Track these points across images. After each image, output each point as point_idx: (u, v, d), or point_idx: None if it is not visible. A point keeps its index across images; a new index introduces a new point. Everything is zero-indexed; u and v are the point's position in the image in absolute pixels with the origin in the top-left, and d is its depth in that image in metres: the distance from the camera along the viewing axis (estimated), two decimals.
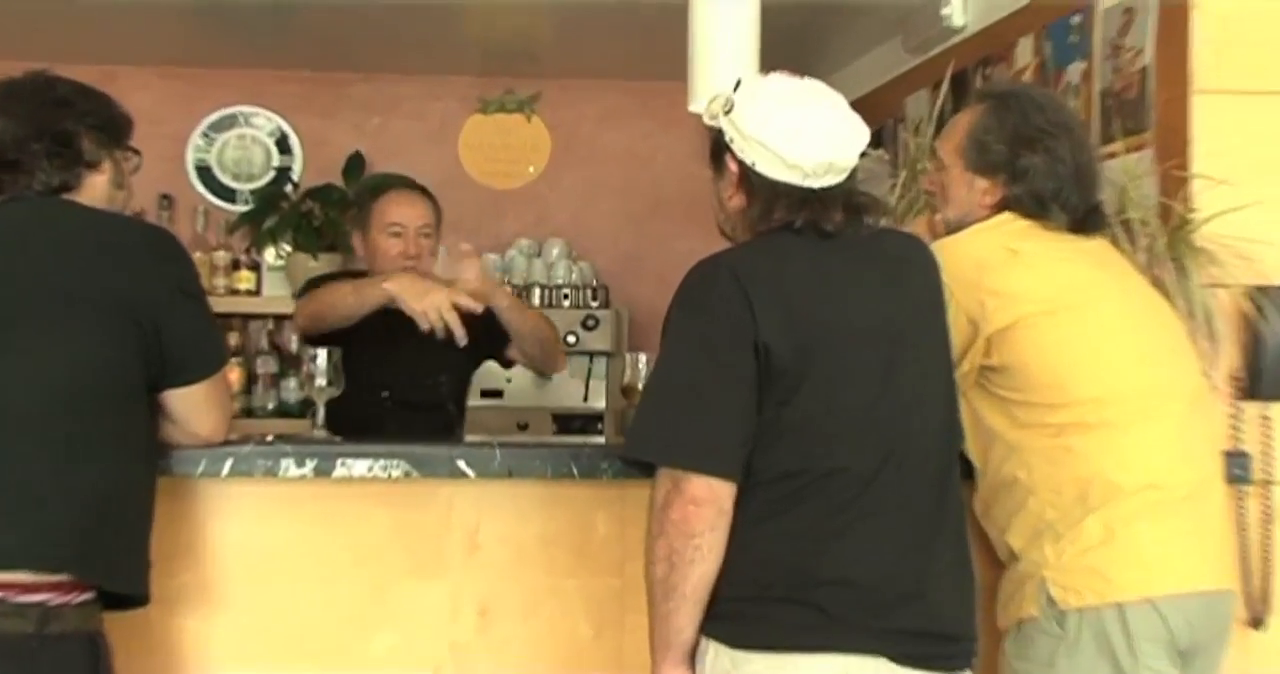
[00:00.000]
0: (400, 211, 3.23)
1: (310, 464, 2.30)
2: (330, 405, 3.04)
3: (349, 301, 2.99)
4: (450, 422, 3.30)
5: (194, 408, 2.14)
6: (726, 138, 2.02)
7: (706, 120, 2.08)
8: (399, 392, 3.23)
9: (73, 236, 2.06)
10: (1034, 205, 2.30)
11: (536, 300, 4.84)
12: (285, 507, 2.38)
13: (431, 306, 2.87)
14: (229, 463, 2.27)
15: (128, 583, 2.03)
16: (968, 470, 2.32)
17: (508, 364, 3.45)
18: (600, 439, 4.50)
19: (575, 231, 5.31)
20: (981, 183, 2.35)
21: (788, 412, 1.91)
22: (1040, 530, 2.18)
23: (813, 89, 2.03)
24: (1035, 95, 2.41)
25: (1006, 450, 2.23)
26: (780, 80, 2.03)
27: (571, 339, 4.76)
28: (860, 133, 2.02)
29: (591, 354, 4.92)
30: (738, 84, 2.04)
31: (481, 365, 3.45)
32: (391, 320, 3.09)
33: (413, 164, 4.96)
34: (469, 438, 3.17)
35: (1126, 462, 2.15)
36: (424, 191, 3.34)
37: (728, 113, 2.02)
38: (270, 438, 2.37)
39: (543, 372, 3.55)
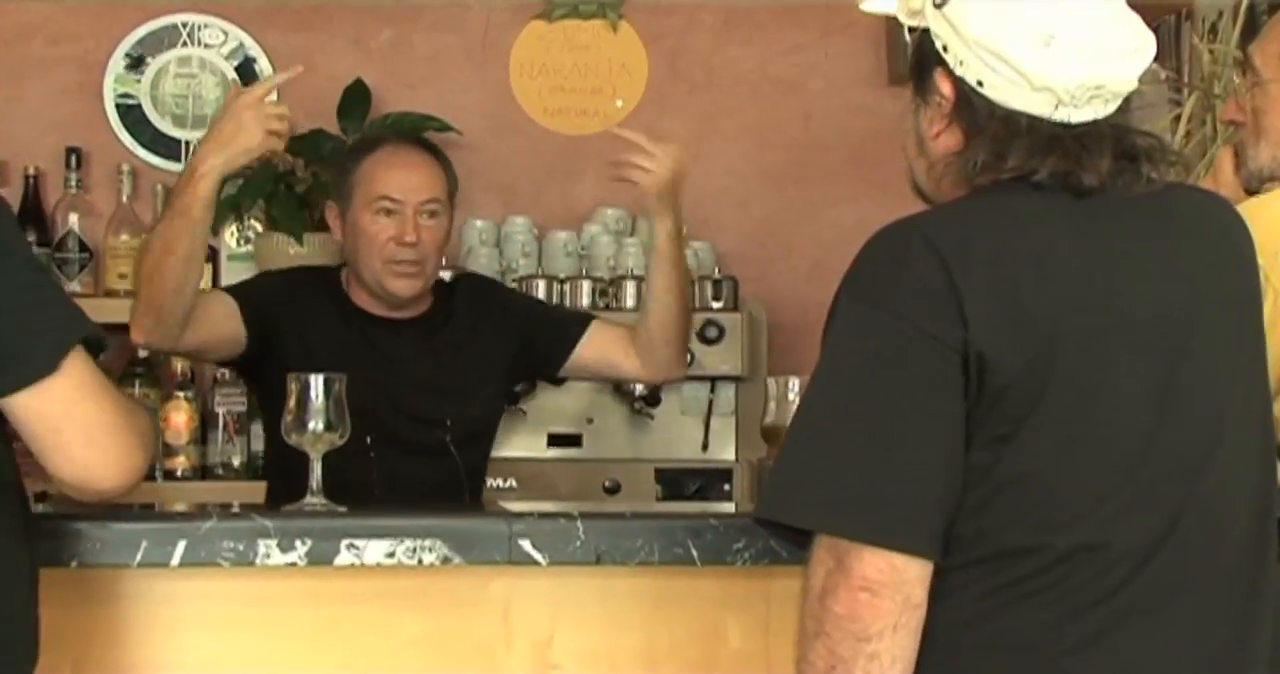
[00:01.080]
0: (394, 179, 3.31)
1: (302, 547, 2.34)
2: (270, 460, 3.10)
3: (172, 233, 3.07)
4: (461, 480, 3.34)
5: (52, 433, 2.00)
6: (937, 44, 2.02)
7: (904, 18, 2.08)
8: (386, 434, 3.27)
9: None
10: None
11: (630, 300, 4.84)
12: (266, 610, 2.41)
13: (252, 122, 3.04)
14: (181, 546, 2.30)
15: None
16: None
17: (559, 381, 3.49)
18: (729, 506, 4.50)
19: (687, 196, 5.24)
20: None
21: (1010, 454, 1.90)
22: None
23: None
24: None
25: None
26: None
27: None
28: (1145, 42, 2.01)
29: (714, 379, 4.91)
30: None
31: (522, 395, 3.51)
32: (360, 326, 3.14)
33: (443, 99, 5.02)
34: (530, 506, 3.18)
35: None
36: (430, 149, 3.41)
37: (941, 6, 2.01)
38: (239, 507, 2.41)
39: (653, 379, 3.57)
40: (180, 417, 4.83)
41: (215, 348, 3.32)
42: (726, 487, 4.83)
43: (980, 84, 1.99)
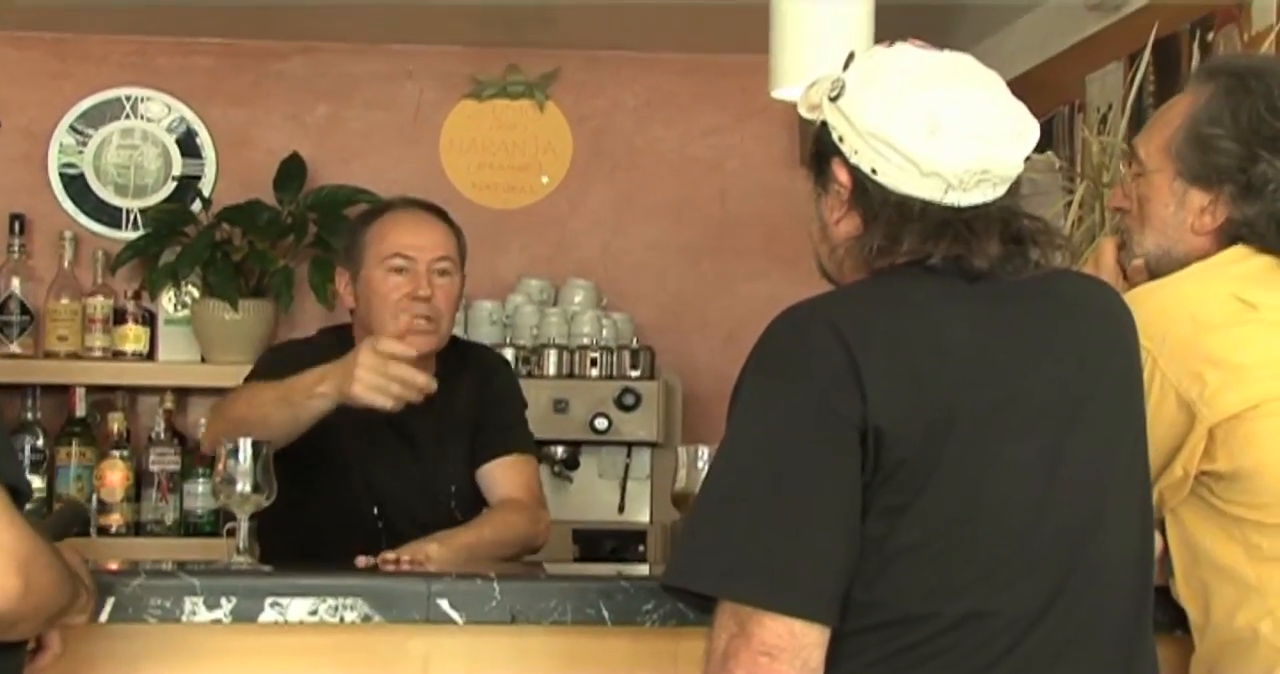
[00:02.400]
0: (405, 237, 3.26)
1: (227, 604, 2.31)
2: (273, 529, 3.06)
3: (277, 418, 2.96)
4: None
5: None
6: (834, 136, 2.04)
7: (804, 112, 2.11)
8: (395, 507, 3.25)
9: None
10: (1273, 233, 2.30)
11: (551, 368, 4.86)
12: (190, 666, 2.38)
13: (379, 382, 2.87)
14: (109, 604, 2.28)
15: None
16: (1174, 619, 2.31)
17: None
18: (643, 568, 4.49)
19: (607, 270, 5.34)
20: (1197, 198, 2.36)
21: (904, 525, 1.91)
22: None
23: (958, 65, 2.05)
24: None
25: (1241, 594, 2.21)
26: (910, 53, 2.05)
27: (602, 423, 4.77)
28: (1027, 127, 2.03)
29: (630, 445, 4.93)
30: (850, 59, 2.06)
31: None
32: None
33: (375, 173, 5.03)
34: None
35: None
36: (439, 212, 3.38)
37: (836, 99, 2.04)
38: (150, 564, 2.39)
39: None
40: (115, 475, 4.80)
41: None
42: (641, 548, 4.83)
43: (874, 172, 2.01)
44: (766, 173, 5.31)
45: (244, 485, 2.63)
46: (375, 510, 3.22)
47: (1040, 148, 4.29)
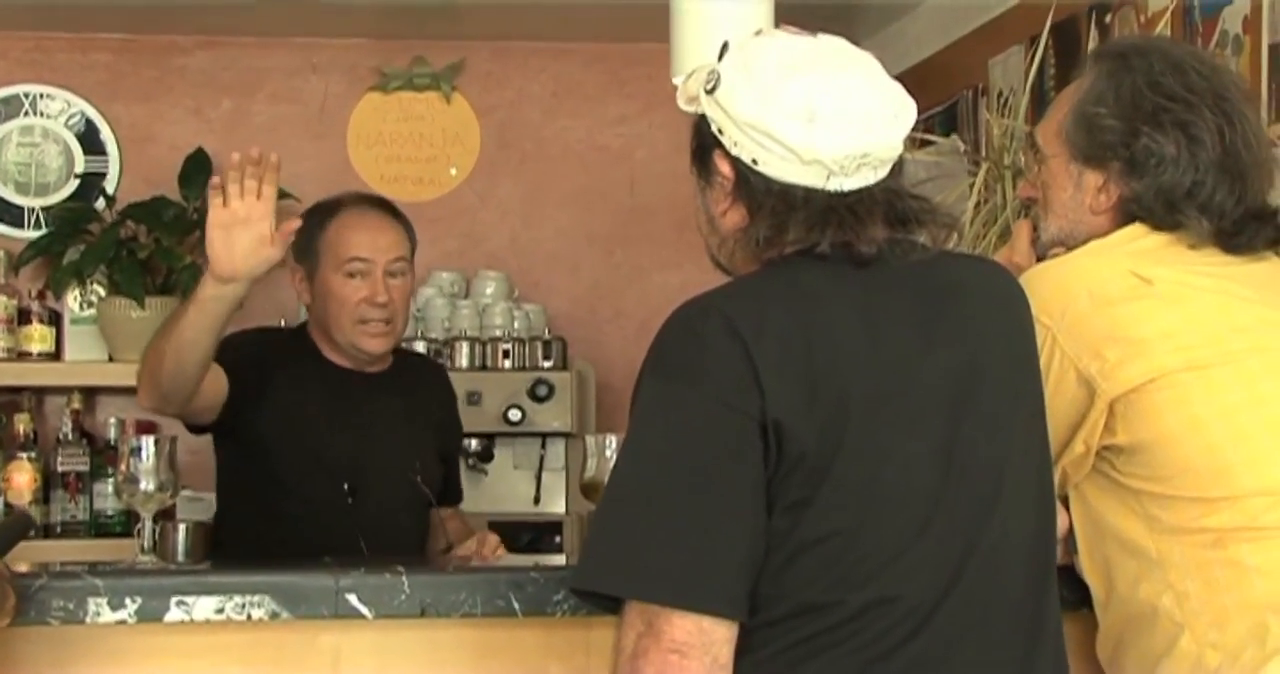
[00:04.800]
0: (363, 241, 3.28)
1: (131, 605, 2.29)
2: (232, 516, 3.07)
3: (190, 330, 2.93)
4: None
5: None
6: (714, 128, 2.04)
7: (683, 105, 2.11)
8: (363, 482, 3.24)
9: None
10: (1161, 208, 2.33)
11: (464, 361, 4.85)
12: (95, 667, 2.36)
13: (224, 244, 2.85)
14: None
15: None
16: (1081, 597, 2.33)
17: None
18: (559, 558, 4.50)
19: (517, 261, 5.33)
20: (1091, 178, 2.38)
21: (808, 518, 1.92)
22: None
23: (831, 50, 2.05)
24: (1173, 52, 2.44)
25: (1143, 567, 2.24)
26: (783, 40, 2.05)
27: (515, 415, 4.77)
28: (904, 107, 2.03)
29: (544, 436, 4.92)
30: (724, 49, 2.06)
31: None
32: (335, 381, 3.20)
33: (281, 167, 4.97)
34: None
35: None
36: (391, 209, 3.40)
37: (712, 91, 2.03)
38: (60, 566, 2.37)
39: None
40: (23, 477, 4.74)
41: (199, 414, 3.18)
42: (557, 538, 4.84)
43: (755, 162, 2.01)
44: (676, 161, 5.18)
45: (148, 483, 2.60)
46: (346, 487, 3.22)
47: (945, 131, 4.35)
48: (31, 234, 5.05)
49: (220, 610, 2.32)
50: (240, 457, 3.24)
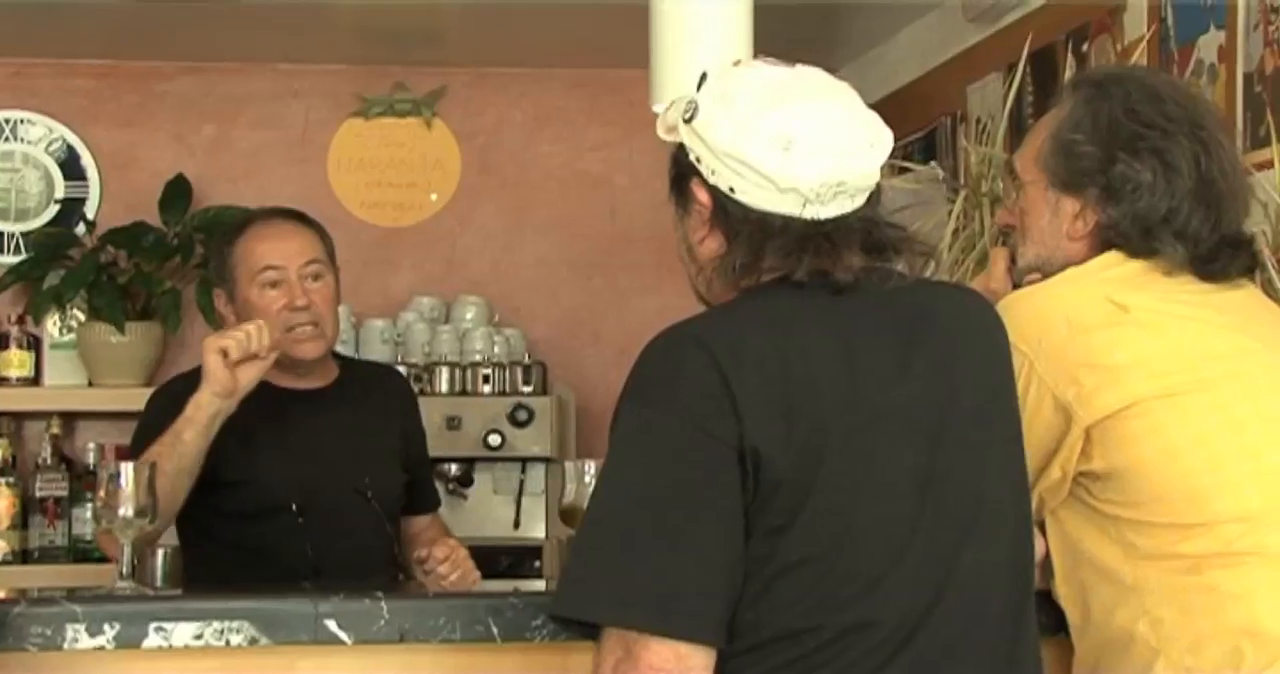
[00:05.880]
0: (271, 249, 3.24)
1: (110, 631, 2.28)
2: (191, 547, 3.05)
3: (184, 447, 2.96)
4: (388, 535, 3.29)
5: None
6: (691, 157, 2.05)
7: (662, 134, 2.11)
8: (311, 500, 3.21)
9: None
10: (1138, 235, 2.34)
11: (444, 385, 4.85)
12: None
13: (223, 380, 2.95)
14: None
15: None
16: (1058, 622, 2.33)
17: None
18: (539, 583, 4.49)
19: (498, 286, 5.33)
20: (1069, 204, 2.39)
21: (786, 544, 1.92)
22: None
23: (808, 79, 2.06)
24: (1150, 81, 2.46)
25: (1118, 593, 2.24)
26: (761, 70, 2.07)
27: (495, 439, 4.77)
28: (880, 136, 2.04)
29: (524, 460, 4.93)
30: (702, 79, 2.07)
31: None
32: (273, 401, 3.15)
33: (262, 191, 4.98)
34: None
35: None
36: (298, 216, 3.36)
37: (690, 121, 2.04)
38: (38, 592, 2.36)
39: None
40: (1, 503, 4.74)
41: None
42: (537, 563, 4.84)
43: (732, 191, 2.01)
44: (656, 187, 5.16)
45: (127, 510, 2.59)
46: (294, 508, 3.19)
47: (923, 158, 4.35)
48: (11, 259, 5.05)
49: (199, 636, 2.31)
50: (192, 495, 3.16)
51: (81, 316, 4.86)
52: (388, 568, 3.23)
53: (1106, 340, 2.26)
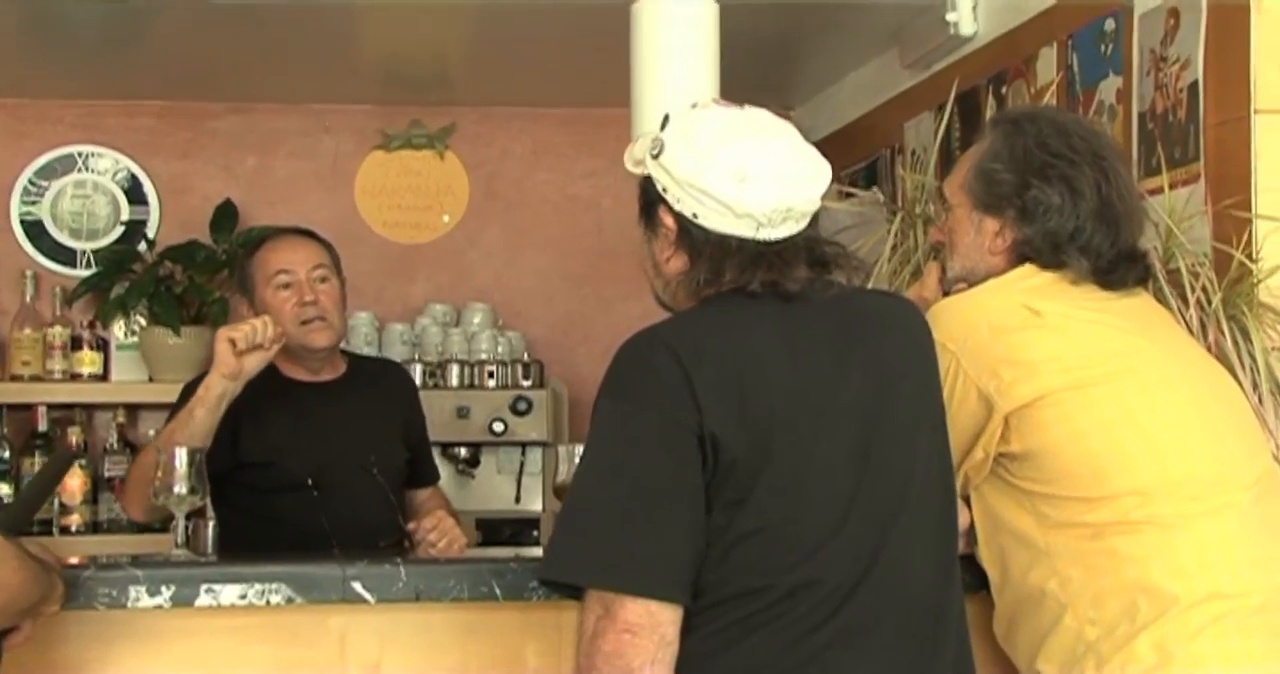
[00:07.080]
0: (283, 256, 3.26)
1: (167, 592, 2.30)
2: (221, 519, 3.05)
3: (196, 423, 2.97)
4: (393, 506, 3.28)
5: None
6: (659, 187, 2.06)
7: (630, 167, 2.12)
8: (325, 477, 3.21)
9: None
10: (1048, 249, 2.35)
11: (455, 380, 4.84)
12: (137, 646, 2.36)
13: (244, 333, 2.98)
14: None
15: None
16: (980, 581, 2.33)
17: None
18: (536, 550, 4.48)
19: (501, 294, 5.32)
20: (990, 224, 2.41)
21: (742, 515, 1.93)
22: (1079, 655, 2.19)
23: (757, 119, 2.07)
24: (1059, 119, 2.47)
25: (1032, 556, 2.25)
26: (716, 112, 2.08)
27: (499, 427, 4.76)
28: (821, 170, 2.06)
29: (524, 444, 4.91)
30: (665, 120, 2.08)
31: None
32: (292, 394, 3.17)
33: (298, 214, 4.96)
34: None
35: (1183, 566, 2.18)
36: (307, 233, 3.38)
37: (657, 156, 2.05)
38: (106, 558, 2.36)
39: None
40: (75, 482, 4.73)
41: None
42: (535, 533, 4.82)
43: (695, 216, 2.03)
44: (637, 210, 5.30)
45: (181, 488, 2.59)
46: (310, 482, 3.19)
47: (866, 184, 4.35)
48: (83, 273, 5.03)
49: (243, 596, 2.32)
50: (222, 474, 3.13)
51: (143, 322, 4.85)
52: (393, 534, 3.21)
53: (1022, 340, 2.28)
